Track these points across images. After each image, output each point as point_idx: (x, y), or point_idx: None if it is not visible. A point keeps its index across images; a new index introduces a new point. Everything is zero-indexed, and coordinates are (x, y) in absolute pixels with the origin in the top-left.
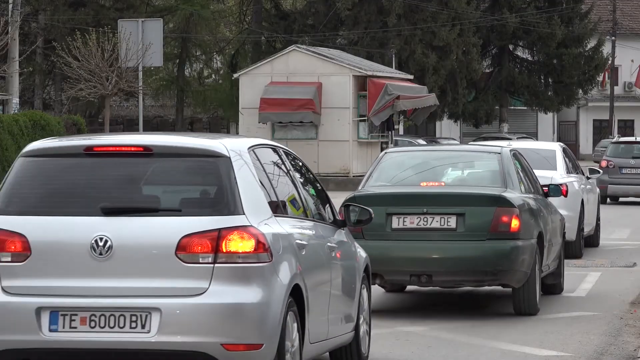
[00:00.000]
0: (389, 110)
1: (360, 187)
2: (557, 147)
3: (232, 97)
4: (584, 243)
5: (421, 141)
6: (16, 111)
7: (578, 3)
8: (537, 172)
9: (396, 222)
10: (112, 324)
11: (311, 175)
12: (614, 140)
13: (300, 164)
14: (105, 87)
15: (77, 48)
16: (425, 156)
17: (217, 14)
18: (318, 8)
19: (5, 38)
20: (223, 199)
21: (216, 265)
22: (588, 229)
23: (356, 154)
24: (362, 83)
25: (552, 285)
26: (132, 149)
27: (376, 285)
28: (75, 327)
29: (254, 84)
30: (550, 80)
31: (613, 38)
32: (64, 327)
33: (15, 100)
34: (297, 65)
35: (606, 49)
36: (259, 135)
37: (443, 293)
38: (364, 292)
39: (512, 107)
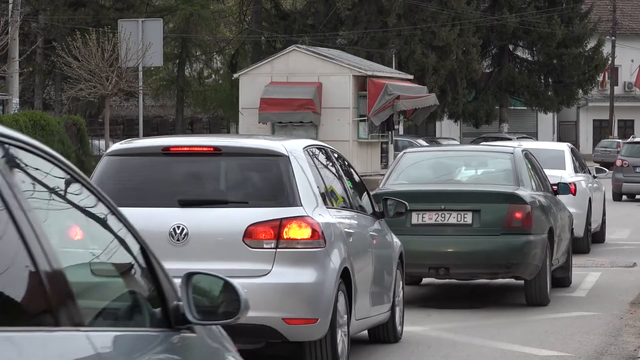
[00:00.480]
0: (389, 110)
1: (380, 185)
2: (565, 147)
3: (232, 97)
4: (591, 239)
5: (421, 141)
6: (16, 111)
7: (578, 3)
8: (547, 172)
9: (415, 218)
10: None
11: (352, 171)
12: (629, 140)
13: (344, 161)
14: (105, 87)
15: (77, 48)
16: (442, 156)
17: (217, 14)
18: (318, 8)
19: (5, 38)
20: (283, 192)
21: (278, 250)
22: (595, 225)
23: (356, 154)
24: (362, 83)
25: (561, 279)
26: (204, 149)
27: None
28: None
29: (254, 84)
30: (550, 80)
31: (613, 38)
32: None
33: (15, 100)
34: (297, 65)
35: (606, 49)
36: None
37: (443, 293)
38: (399, 277)
39: (512, 107)
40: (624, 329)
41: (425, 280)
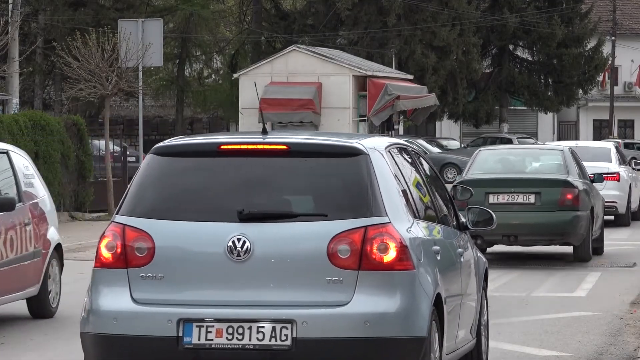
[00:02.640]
0: (389, 110)
1: (464, 175)
2: (611, 145)
3: (232, 97)
4: (631, 216)
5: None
6: (16, 111)
7: (578, 3)
8: (598, 164)
9: (492, 199)
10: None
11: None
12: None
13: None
14: (105, 87)
15: (77, 48)
16: (508, 153)
17: (217, 14)
18: (318, 8)
19: (5, 38)
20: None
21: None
22: (634, 206)
23: None
24: (362, 83)
25: (597, 248)
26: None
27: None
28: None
29: (254, 84)
30: (550, 80)
31: (613, 38)
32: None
33: (15, 100)
34: (297, 65)
35: (606, 49)
36: None
37: None
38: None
39: (512, 107)
40: (624, 329)
41: None
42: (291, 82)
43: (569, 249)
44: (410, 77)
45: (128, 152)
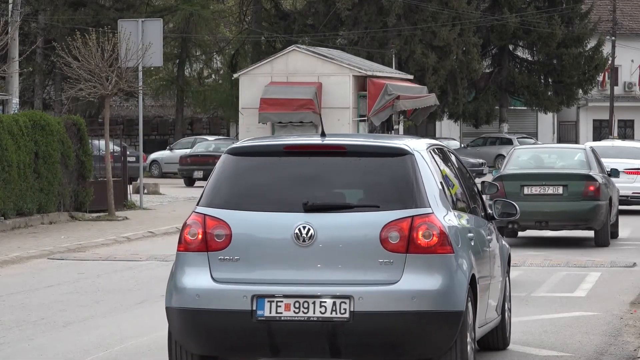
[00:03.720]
0: (389, 110)
1: (501, 170)
2: None
3: (232, 97)
4: None
5: None
6: (16, 111)
7: (578, 3)
8: (630, 160)
9: (526, 190)
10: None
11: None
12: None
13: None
14: (105, 87)
15: (77, 48)
16: (539, 151)
17: (217, 14)
18: (318, 8)
19: (5, 38)
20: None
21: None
22: None
23: None
24: (362, 83)
25: (613, 232)
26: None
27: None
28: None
29: (254, 84)
30: (550, 80)
31: (613, 38)
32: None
33: (15, 100)
34: (297, 65)
35: (606, 49)
36: (259, 135)
37: None
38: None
39: (512, 107)
40: (624, 329)
41: None
42: (291, 82)
43: (590, 234)
44: (410, 77)
45: (128, 152)
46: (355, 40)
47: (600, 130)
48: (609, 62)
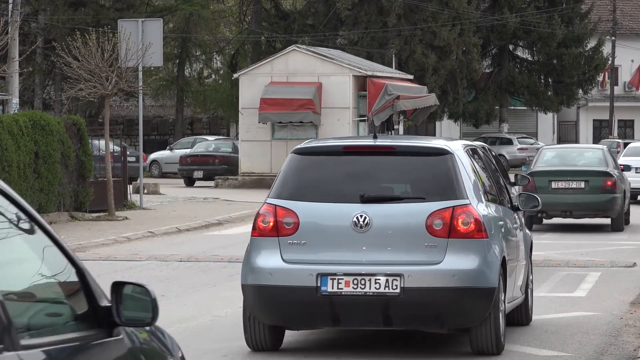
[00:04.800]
0: (389, 110)
1: (531, 167)
2: None
3: (232, 97)
4: None
5: None
6: (16, 111)
7: (578, 3)
8: None
9: (554, 184)
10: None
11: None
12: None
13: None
14: (105, 87)
15: (77, 48)
16: (564, 150)
17: (217, 14)
18: (318, 8)
19: (5, 38)
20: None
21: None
22: None
23: None
24: (362, 83)
25: (625, 219)
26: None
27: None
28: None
29: (254, 84)
30: (550, 80)
31: (613, 38)
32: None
33: (15, 100)
34: (297, 65)
35: (606, 49)
36: (259, 135)
37: None
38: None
39: (512, 107)
40: (624, 329)
41: None
42: (291, 82)
43: (607, 221)
44: (410, 77)
45: (128, 152)
46: (355, 40)
47: (600, 130)
48: (609, 62)
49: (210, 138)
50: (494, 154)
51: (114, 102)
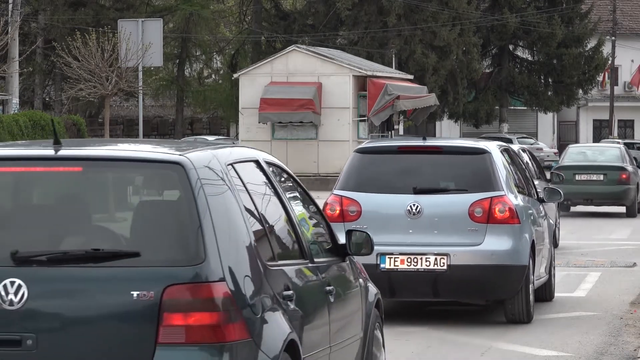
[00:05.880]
0: (389, 110)
1: (560, 162)
2: None
3: (232, 97)
4: None
5: None
6: (16, 111)
7: (578, 3)
8: None
9: (577, 177)
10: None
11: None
12: None
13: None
14: (105, 87)
15: (77, 48)
16: (586, 148)
17: (217, 14)
18: (318, 8)
19: (5, 38)
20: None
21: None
22: None
23: None
24: (362, 83)
25: (639, 208)
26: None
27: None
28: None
29: (254, 84)
30: (550, 80)
31: (613, 38)
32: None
33: (15, 100)
34: (297, 65)
35: (606, 49)
36: (259, 135)
37: None
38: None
39: (512, 107)
40: (624, 329)
41: None
42: (291, 82)
43: (622, 209)
44: (410, 77)
45: None
46: (355, 40)
47: (600, 130)
48: (609, 62)
49: (210, 138)
50: (530, 154)
51: (114, 102)
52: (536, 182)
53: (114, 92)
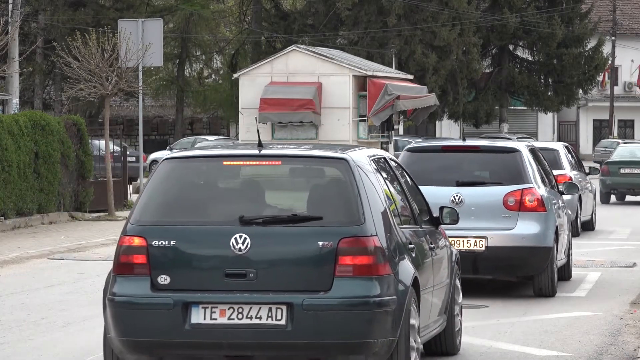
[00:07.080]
0: (389, 110)
1: (609, 158)
2: None
3: (232, 97)
4: None
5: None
6: (16, 111)
7: (578, 3)
8: None
9: (622, 170)
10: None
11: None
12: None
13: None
14: (105, 87)
15: (77, 48)
16: (632, 146)
17: (217, 14)
18: (318, 8)
19: (5, 38)
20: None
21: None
22: None
23: None
24: (362, 83)
25: None
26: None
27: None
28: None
29: (254, 84)
30: (550, 80)
31: (613, 38)
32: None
33: (15, 100)
34: (297, 65)
35: (606, 49)
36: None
37: None
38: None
39: (512, 107)
40: (624, 329)
41: None
42: (291, 82)
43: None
44: (410, 77)
45: (128, 152)
46: (355, 40)
47: (600, 130)
48: (609, 62)
49: (210, 138)
50: (572, 150)
51: (114, 102)
52: (575, 174)
53: (114, 92)
